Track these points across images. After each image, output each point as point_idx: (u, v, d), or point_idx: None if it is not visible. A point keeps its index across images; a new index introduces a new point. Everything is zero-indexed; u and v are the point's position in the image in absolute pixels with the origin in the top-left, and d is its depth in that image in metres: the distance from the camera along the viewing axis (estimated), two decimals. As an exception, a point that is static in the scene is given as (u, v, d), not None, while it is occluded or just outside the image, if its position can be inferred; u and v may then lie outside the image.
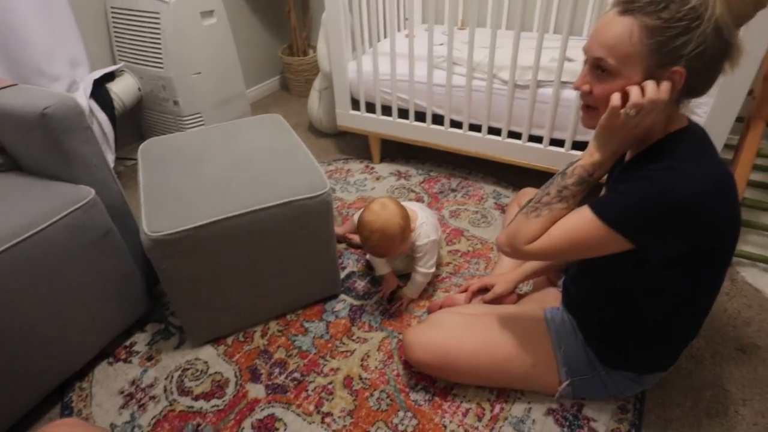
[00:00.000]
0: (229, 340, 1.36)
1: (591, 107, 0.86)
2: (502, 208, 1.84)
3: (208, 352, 1.33)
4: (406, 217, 1.30)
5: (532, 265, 1.26)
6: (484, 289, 1.32)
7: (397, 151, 2.23)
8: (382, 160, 2.18)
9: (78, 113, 1.14)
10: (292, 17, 2.67)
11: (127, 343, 1.37)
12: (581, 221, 0.85)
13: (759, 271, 1.53)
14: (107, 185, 1.26)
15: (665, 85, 0.76)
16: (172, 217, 1.13)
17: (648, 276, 0.88)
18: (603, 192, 0.99)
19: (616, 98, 0.79)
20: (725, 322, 1.38)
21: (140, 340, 1.37)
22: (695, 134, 0.84)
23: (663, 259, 0.83)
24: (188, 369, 1.29)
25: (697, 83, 0.78)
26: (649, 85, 0.76)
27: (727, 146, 2.03)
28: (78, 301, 1.17)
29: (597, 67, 0.81)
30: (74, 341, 1.20)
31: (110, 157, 1.92)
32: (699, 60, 0.73)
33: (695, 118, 1.48)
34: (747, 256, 1.54)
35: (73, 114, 1.13)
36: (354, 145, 2.32)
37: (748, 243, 1.63)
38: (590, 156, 0.87)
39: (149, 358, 1.32)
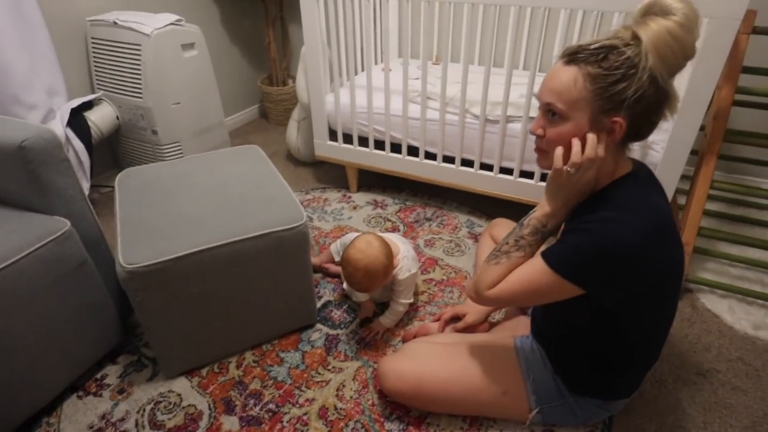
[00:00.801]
0: (204, 372, 1.36)
1: (543, 150, 0.92)
2: (476, 237, 1.89)
3: (181, 384, 1.32)
4: (390, 255, 1.33)
5: None
6: (456, 318, 1.35)
7: (374, 181, 2.28)
8: (359, 189, 2.22)
9: (55, 145, 1.15)
10: (272, 48, 2.73)
11: (98, 375, 1.35)
12: (534, 269, 0.91)
13: (717, 298, 1.60)
14: (83, 216, 1.26)
15: (602, 146, 0.84)
16: (148, 249, 1.14)
17: (601, 313, 0.93)
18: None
19: (557, 160, 0.88)
20: (686, 347, 1.44)
21: (112, 373, 1.36)
22: (638, 177, 0.91)
23: (612, 301, 0.89)
24: (161, 402, 1.28)
25: (639, 128, 0.86)
26: (590, 143, 0.84)
27: (684, 177, 2.14)
28: (49, 333, 1.16)
29: (548, 112, 0.88)
30: (43, 375, 1.18)
31: (85, 185, 1.92)
32: (638, 105, 0.81)
33: (652, 154, 1.57)
34: (705, 283, 1.62)
35: (51, 147, 1.14)
36: (332, 175, 2.36)
37: (707, 270, 1.71)
38: (542, 208, 0.95)
39: (121, 391, 1.30)
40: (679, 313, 1.55)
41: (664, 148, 1.52)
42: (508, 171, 1.81)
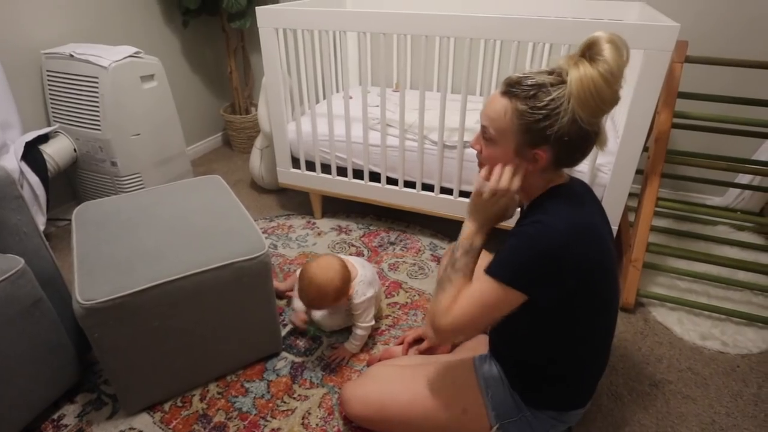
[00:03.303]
0: (167, 406, 1.33)
1: (483, 164, 1.00)
2: (439, 260, 1.93)
3: (143, 421, 1.29)
4: (347, 279, 1.36)
5: None
6: (420, 339, 1.38)
7: (338, 206, 2.31)
8: (324, 215, 2.25)
9: (8, 183, 1.14)
10: (234, 78, 2.75)
11: (55, 416, 1.31)
12: (481, 285, 0.94)
13: (667, 311, 1.68)
14: (38, 253, 1.24)
15: (518, 178, 0.94)
16: (105, 284, 1.13)
17: (542, 320, 0.98)
18: None
19: (477, 184, 0.97)
20: (640, 360, 1.50)
21: (69, 412, 1.32)
22: (571, 190, 0.98)
23: (548, 304, 0.93)
24: (121, 440, 1.25)
25: (567, 158, 0.93)
26: (505, 175, 0.93)
27: (633, 195, 2.26)
28: (2, 374, 1.12)
29: (484, 132, 0.96)
30: (-4, 418, 1.14)
31: (41, 219, 1.88)
32: (561, 142, 0.88)
33: (601, 175, 1.65)
34: (656, 297, 1.70)
35: (4, 184, 1.13)
36: (296, 201, 2.38)
37: (657, 285, 1.79)
38: (466, 228, 1.02)
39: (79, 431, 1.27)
40: (632, 327, 1.62)
41: (611, 170, 1.60)
42: (467, 194, 1.87)
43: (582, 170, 1.68)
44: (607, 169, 1.64)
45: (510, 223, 1.07)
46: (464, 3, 2.24)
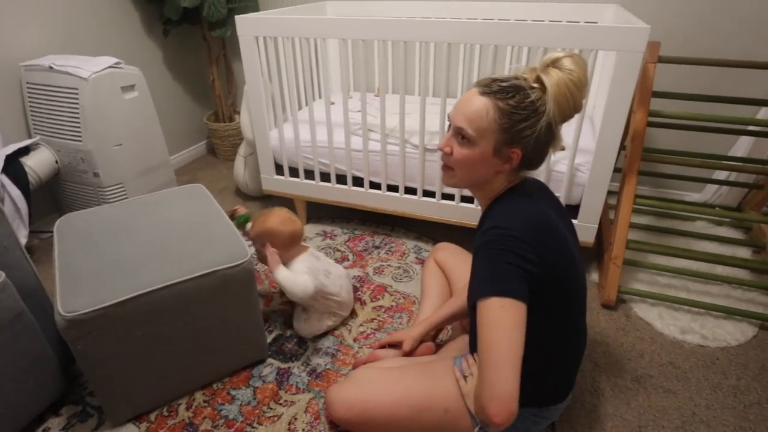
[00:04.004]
0: (152, 416, 1.33)
1: (449, 167, 1.02)
2: (423, 262, 1.95)
3: (129, 431, 1.29)
4: (287, 229, 1.49)
5: (438, 315, 1.37)
6: (395, 345, 1.40)
7: (323, 212, 2.32)
8: (309, 221, 2.25)
9: (-12, 196, 1.14)
10: (216, 86, 2.76)
11: (40, 429, 1.30)
12: (491, 316, 0.88)
13: (648, 306, 1.71)
14: (19, 266, 1.24)
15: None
16: (88, 296, 1.13)
17: None
18: None
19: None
20: (622, 355, 1.53)
21: (54, 425, 1.31)
22: (524, 188, 1.03)
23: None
24: (107, 451, 1.25)
25: (531, 161, 0.98)
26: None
27: (612, 193, 2.29)
28: (-16, 389, 1.12)
29: (458, 134, 0.97)
30: (-21, 433, 1.14)
31: (24, 232, 1.87)
32: (533, 143, 0.94)
33: (579, 175, 1.68)
34: (637, 294, 1.73)
35: (-17, 197, 1.12)
36: (281, 208, 2.38)
37: (638, 281, 1.83)
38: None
39: (64, 444, 1.26)
40: (614, 323, 1.65)
41: (589, 169, 1.63)
42: (449, 197, 1.90)
43: (561, 170, 1.71)
44: (586, 168, 1.67)
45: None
46: (441, 8, 2.27)
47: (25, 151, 1.92)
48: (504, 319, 0.87)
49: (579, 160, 1.69)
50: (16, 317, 1.17)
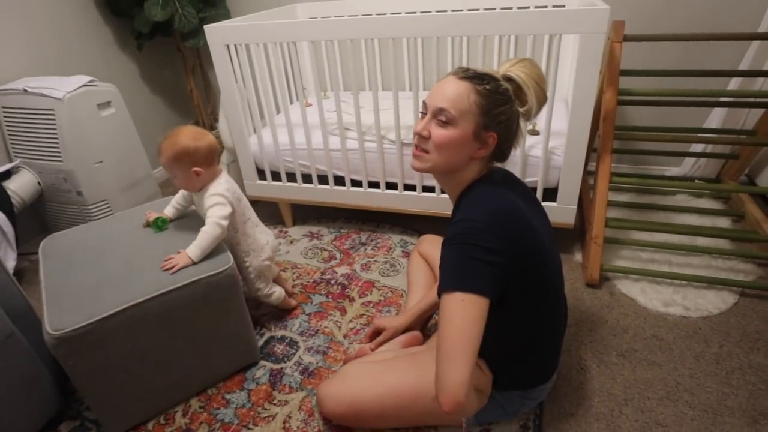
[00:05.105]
0: (150, 425, 1.35)
1: (425, 150, 1.03)
2: (408, 255, 1.97)
3: (127, 443, 1.32)
4: (201, 141, 1.35)
5: (420, 305, 1.41)
6: (378, 332, 1.43)
7: (308, 213, 2.34)
8: (295, 223, 2.28)
9: (-32, 223, 1.15)
10: (194, 96, 2.77)
11: (40, 447, 1.33)
12: (449, 310, 0.91)
13: (631, 282, 1.74)
14: (7, 289, 1.26)
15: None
16: (75, 313, 1.15)
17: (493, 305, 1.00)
18: None
19: None
20: (607, 332, 1.56)
21: (54, 442, 1.34)
22: (493, 179, 1.06)
23: (492, 293, 0.94)
24: (107, 464, 1.27)
25: (502, 150, 1.04)
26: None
27: (592, 173, 2.32)
28: (-21, 412, 1.14)
29: (437, 117, 0.99)
30: (-22, 456, 1.16)
31: (12, 255, 1.88)
32: (506, 130, 1.00)
33: (554, 158, 1.71)
34: (620, 270, 1.76)
35: (-37, 224, 1.14)
36: (267, 212, 2.40)
37: (621, 258, 1.86)
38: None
39: (64, 460, 1.29)
40: (598, 301, 1.68)
41: (563, 152, 1.66)
42: (430, 189, 1.92)
43: (537, 155, 1.73)
44: (560, 151, 1.70)
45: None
46: (411, 2, 2.28)
47: (7, 175, 1.94)
48: (462, 314, 0.90)
49: (553, 144, 1.71)
50: (6, 339, 1.19)
